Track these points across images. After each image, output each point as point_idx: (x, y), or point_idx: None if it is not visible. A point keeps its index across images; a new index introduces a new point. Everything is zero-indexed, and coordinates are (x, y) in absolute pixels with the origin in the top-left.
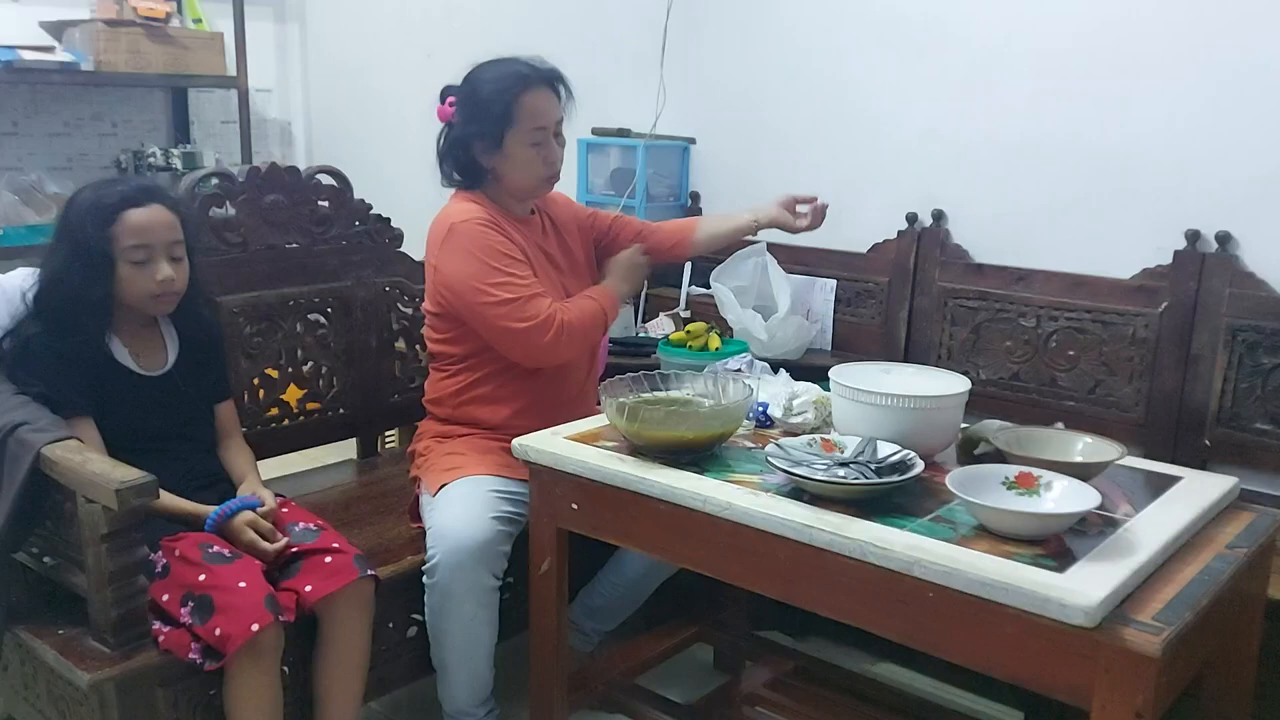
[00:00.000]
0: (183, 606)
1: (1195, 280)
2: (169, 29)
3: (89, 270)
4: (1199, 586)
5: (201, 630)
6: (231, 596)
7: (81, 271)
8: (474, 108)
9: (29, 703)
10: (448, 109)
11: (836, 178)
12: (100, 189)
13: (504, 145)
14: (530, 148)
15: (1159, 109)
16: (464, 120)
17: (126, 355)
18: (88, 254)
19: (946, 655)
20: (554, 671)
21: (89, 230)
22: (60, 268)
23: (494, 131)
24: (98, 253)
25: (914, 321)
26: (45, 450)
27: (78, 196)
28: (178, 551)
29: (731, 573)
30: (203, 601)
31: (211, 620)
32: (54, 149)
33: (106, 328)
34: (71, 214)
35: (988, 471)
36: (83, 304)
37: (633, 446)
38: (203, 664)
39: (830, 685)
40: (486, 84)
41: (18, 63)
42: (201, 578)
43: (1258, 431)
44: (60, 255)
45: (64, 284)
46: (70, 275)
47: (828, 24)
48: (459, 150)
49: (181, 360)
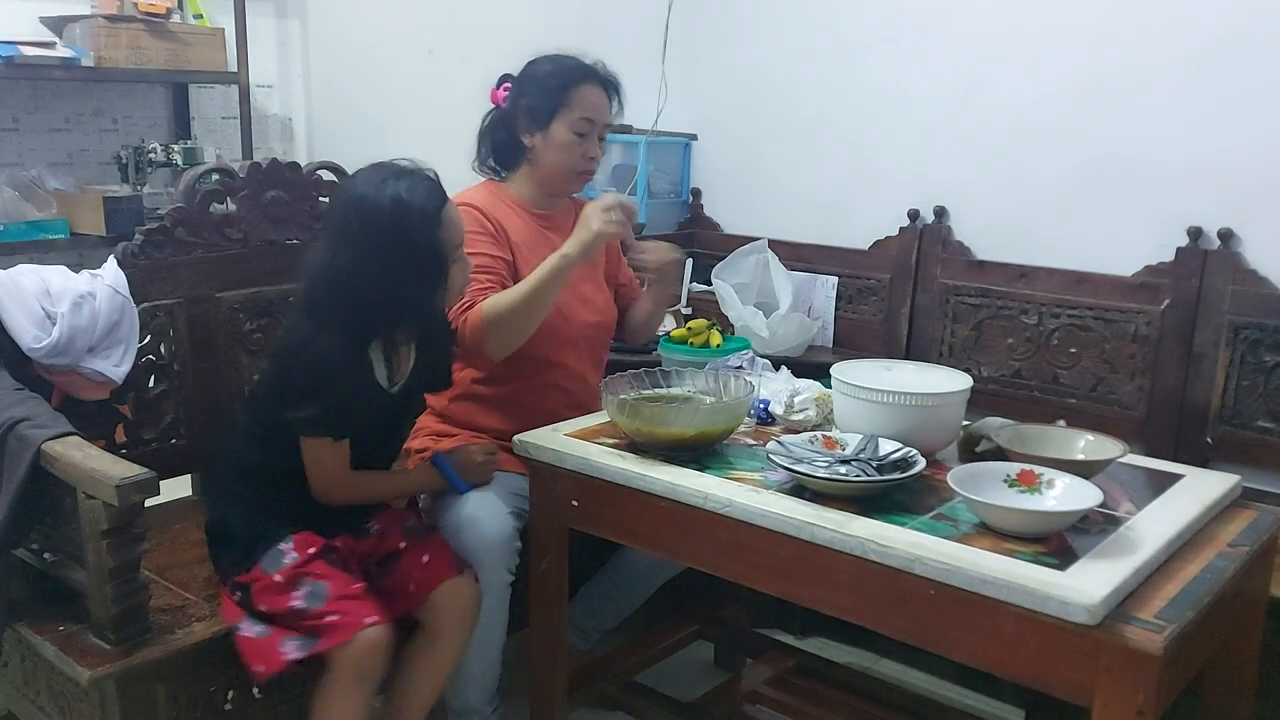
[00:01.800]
0: (294, 589)
1: (1197, 277)
2: (170, 25)
3: (431, 270)
4: (1201, 584)
5: (312, 614)
6: (349, 589)
7: (423, 273)
8: (528, 86)
9: (29, 699)
10: (501, 93)
11: (838, 174)
12: (413, 185)
13: (549, 126)
14: (573, 135)
15: (1161, 106)
16: (514, 97)
17: (382, 372)
18: (428, 255)
19: (948, 653)
20: (554, 669)
21: (430, 233)
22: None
23: (544, 110)
24: (437, 254)
25: (915, 318)
26: (45, 446)
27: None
28: (311, 549)
29: (732, 570)
30: (318, 588)
31: (325, 605)
32: (54, 145)
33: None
34: (395, 215)
35: (989, 469)
36: (417, 304)
37: (633, 443)
38: (296, 656)
39: (831, 683)
40: (546, 67)
41: (18, 58)
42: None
43: (1260, 429)
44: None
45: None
46: (409, 280)
47: (830, 20)
48: (501, 129)
49: (416, 368)
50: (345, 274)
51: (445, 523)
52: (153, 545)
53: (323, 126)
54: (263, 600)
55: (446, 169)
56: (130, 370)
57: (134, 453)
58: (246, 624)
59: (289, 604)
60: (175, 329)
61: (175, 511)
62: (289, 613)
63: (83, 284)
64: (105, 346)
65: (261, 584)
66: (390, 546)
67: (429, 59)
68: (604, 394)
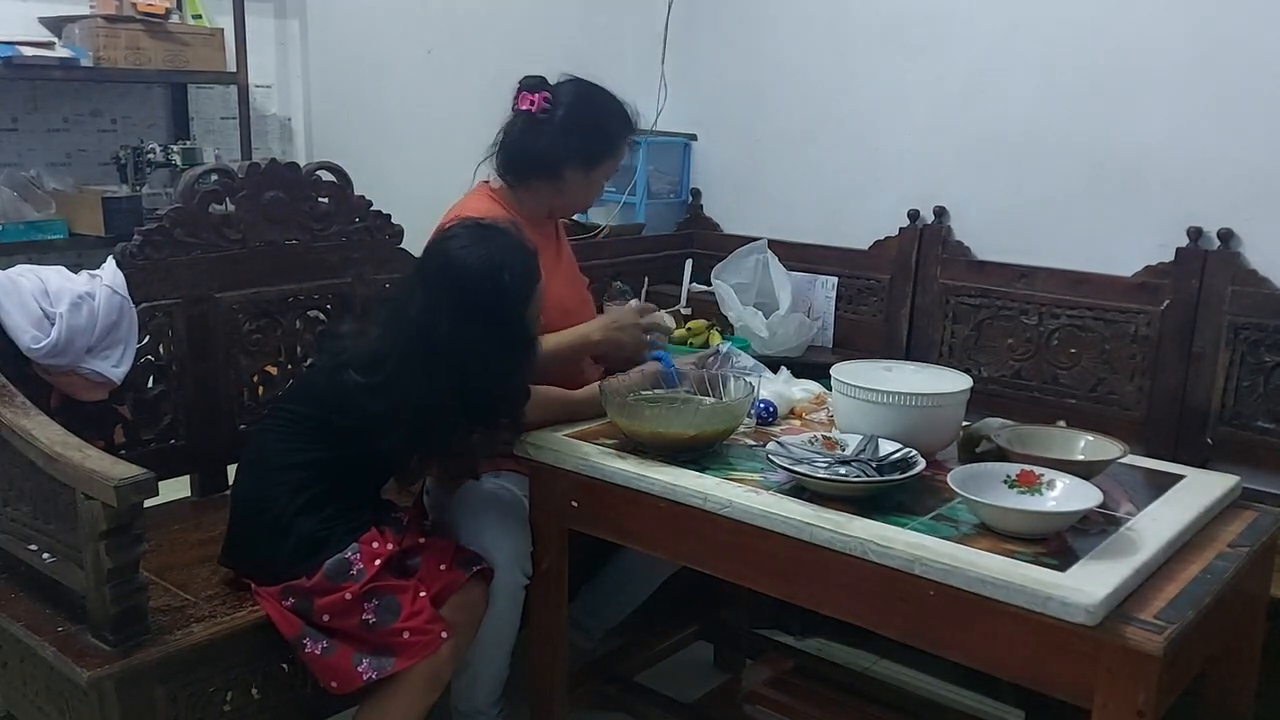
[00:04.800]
0: (366, 602)
1: (1197, 278)
2: (169, 25)
3: (520, 358)
4: (1201, 585)
5: (384, 630)
6: (418, 602)
7: (511, 362)
8: (589, 122)
9: (28, 700)
10: (541, 101)
11: (838, 174)
12: (510, 263)
13: (597, 169)
14: (604, 180)
15: (1161, 106)
16: (567, 128)
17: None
18: (520, 336)
19: (947, 654)
20: (554, 669)
21: (523, 309)
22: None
23: (596, 154)
24: (527, 334)
25: (915, 319)
26: (45, 447)
27: (488, 270)
28: (377, 561)
29: (732, 571)
30: (389, 602)
31: (399, 622)
32: (53, 145)
33: None
34: (494, 296)
35: (989, 470)
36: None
37: (633, 444)
38: (373, 677)
39: (831, 684)
40: (608, 110)
41: (17, 58)
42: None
43: (1260, 430)
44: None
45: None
46: (498, 365)
47: (830, 20)
48: (538, 145)
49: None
50: (444, 337)
51: (464, 524)
52: (152, 546)
53: (322, 127)
54: (328, 612)
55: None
56: (129, 371)
57: (132, 453)
58: (311, 639)
59: (360, 618)
60: (174, 329)
61: (174, 512)
62: (359, 626)
63: (81, 284)
64: (104, 347)
65: (328, 597)
66: (411, 542)
67: (428, 59)
68: (604, 394)
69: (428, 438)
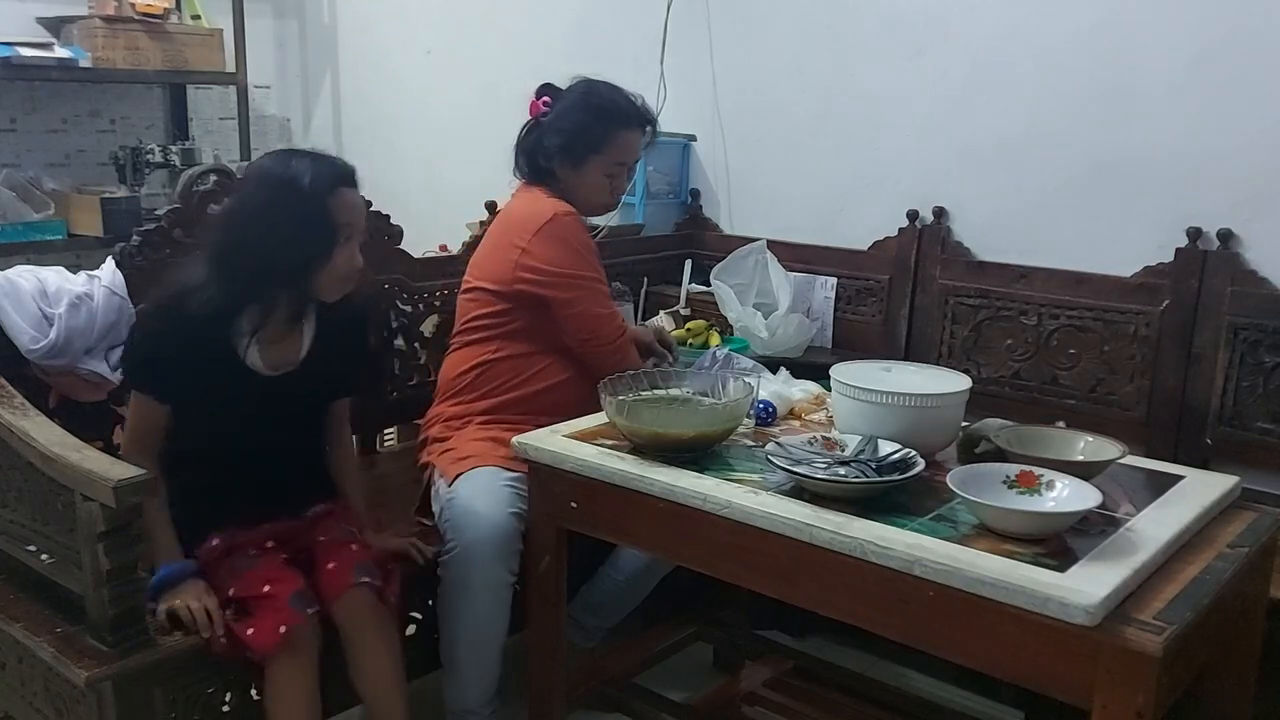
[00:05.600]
0: (225, 609)
1: (1197, 278)
2: (167, 25)
3: (315, 237)
4: (1201, 586)
5: (238, 630)
6: (260, 600)
7: (306, 237)
8: (569, 121)
9: (26, 701)
10: (541, 105)
11: (837, 174)
12: (316, 162)
13: (584, 166)
14: (604, 177)
15: (1161, 106)
16: (555, 128)
17: (256, 355)
18: (315, 222)
19: (947, 655)
20: (553, 669)
21: (320, 201)
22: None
23: (580, 151)
24: (324, 223)
25: (915, 319)
26: (43, 448)
27: (289, 164)
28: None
29: (731, 571)
30: (240, 606)
31: (244, 623)
32: (51, 146)
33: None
34: (289, 179)
35: (989, 470)
36: (296, 271)
37: (632, 444)
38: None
39: (830, 684)
40: (589, 105)
41: (15, 59)
42: (231, 591)
43: (1260, 430)
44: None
45: (286, 248)
46: (292, 240)
47: (829, 20)
48: (539, 151)
49: (312, 356)
50: (235, 232)
51: (448, 519)
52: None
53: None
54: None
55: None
56: None
57: None
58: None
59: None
60: None
61: None
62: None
63: (80, 285)
64: (102, 348)
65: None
66: (314, 538)
67: (426, 60)
68: (602, 395)
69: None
